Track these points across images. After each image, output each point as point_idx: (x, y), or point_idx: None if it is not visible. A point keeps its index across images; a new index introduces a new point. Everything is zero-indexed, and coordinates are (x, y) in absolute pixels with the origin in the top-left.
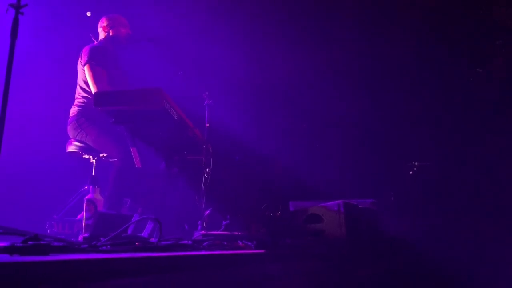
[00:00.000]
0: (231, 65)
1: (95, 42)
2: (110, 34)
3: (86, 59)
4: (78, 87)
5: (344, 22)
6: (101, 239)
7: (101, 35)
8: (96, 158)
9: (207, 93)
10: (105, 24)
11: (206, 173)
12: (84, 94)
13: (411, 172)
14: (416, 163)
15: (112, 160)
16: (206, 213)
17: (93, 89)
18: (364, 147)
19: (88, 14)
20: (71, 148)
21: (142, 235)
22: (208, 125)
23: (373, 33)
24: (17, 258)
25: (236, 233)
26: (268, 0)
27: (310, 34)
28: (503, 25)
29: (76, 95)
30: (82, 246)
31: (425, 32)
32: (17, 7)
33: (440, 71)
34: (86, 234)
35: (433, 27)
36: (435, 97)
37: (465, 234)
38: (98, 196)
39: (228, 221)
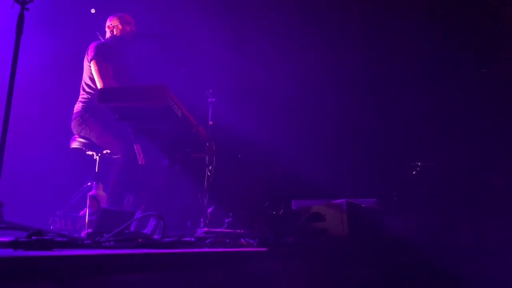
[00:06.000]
0: (235, 62)
1: (102, 40)
2: (116, 33)
3: (92, 54)
4: (83, 83)
5: (347, 22)
6: (104, 235)
7: (107, 33)
8: (99, 154)
9: (210, 90)
10: (110, 23)
11: (209, 170)
12: (89, 90)
13: (414, 172)
14: (419, 163)
15: (116, 156)
16: (209, 210)
17: (99, 85)
18: (368, 147)
19: (93, 11)
20: (74, 144)
21: (144, 231)
22: (211, 122)
23: (377, 33)
24: (21, 252)
25: (239, 231)
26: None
27: (315, 33)
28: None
29: (81, 91)
30: (85, 242)
31: (430, 31)
32: (23, 3)
33: (445, 71)
34: (89, 230)
35: (437, 27)
36: (439, 97)
37: (468, 234)
38: (101, 193)
39: (230, 219)
